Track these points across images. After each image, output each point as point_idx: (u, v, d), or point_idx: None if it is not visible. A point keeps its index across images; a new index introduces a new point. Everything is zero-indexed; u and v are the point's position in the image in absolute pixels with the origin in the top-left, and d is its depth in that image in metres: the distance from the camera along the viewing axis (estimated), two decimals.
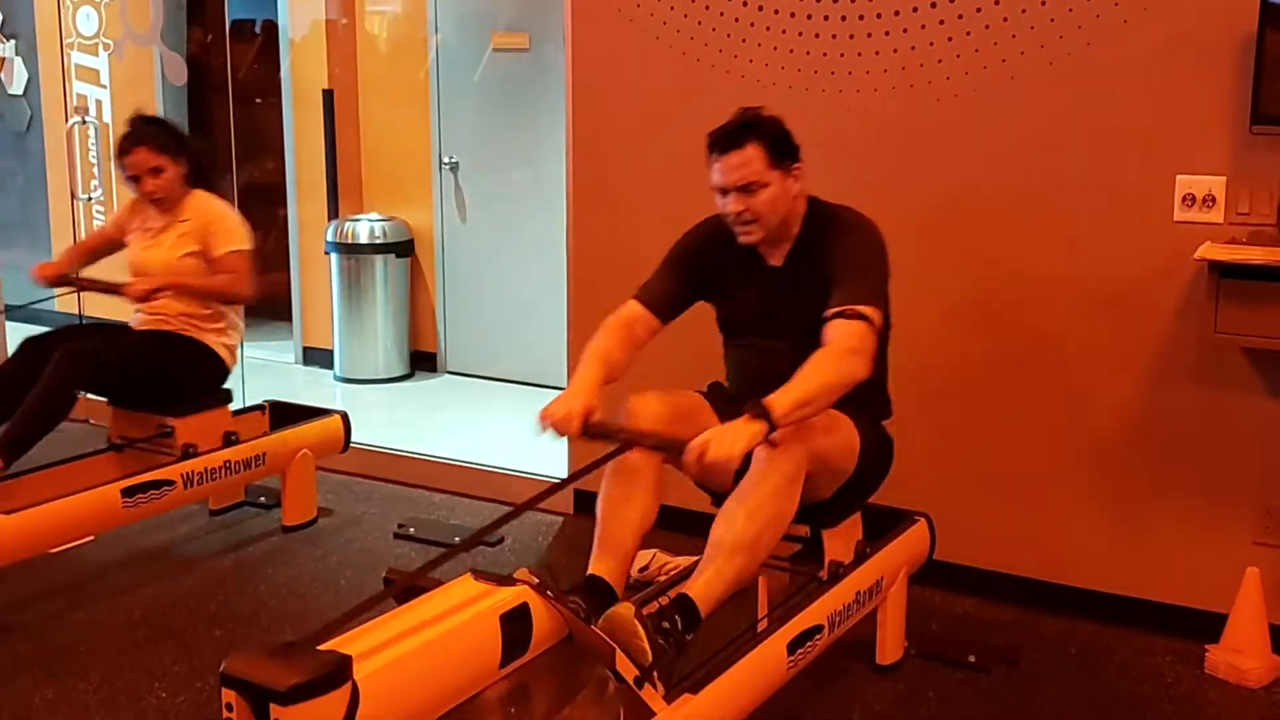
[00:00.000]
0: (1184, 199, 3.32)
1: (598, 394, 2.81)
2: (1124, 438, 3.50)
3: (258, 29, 7.53)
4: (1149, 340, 3.41)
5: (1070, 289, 3.50)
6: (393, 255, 6.22)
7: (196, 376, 4.02)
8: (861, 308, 2.73)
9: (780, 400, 2.56)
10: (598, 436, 2.76)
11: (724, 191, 2.90)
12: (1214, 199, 3.28)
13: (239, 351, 4.18)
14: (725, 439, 2.49)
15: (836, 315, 2.73)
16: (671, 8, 3.98)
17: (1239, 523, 3.39)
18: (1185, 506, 3.45)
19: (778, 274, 2.98)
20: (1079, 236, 3.47)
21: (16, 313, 5.62)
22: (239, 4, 6.97)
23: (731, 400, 2.93)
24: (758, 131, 2.88)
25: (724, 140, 2.89)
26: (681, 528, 3.37)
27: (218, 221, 3.99)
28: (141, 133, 3.99)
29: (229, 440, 4.05)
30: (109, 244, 4.22)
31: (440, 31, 6.16)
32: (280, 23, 6.46)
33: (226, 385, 4.13)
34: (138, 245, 4.07)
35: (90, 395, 3.95)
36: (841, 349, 2.68)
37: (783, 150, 2.90)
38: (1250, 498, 3.37)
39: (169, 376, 3.94)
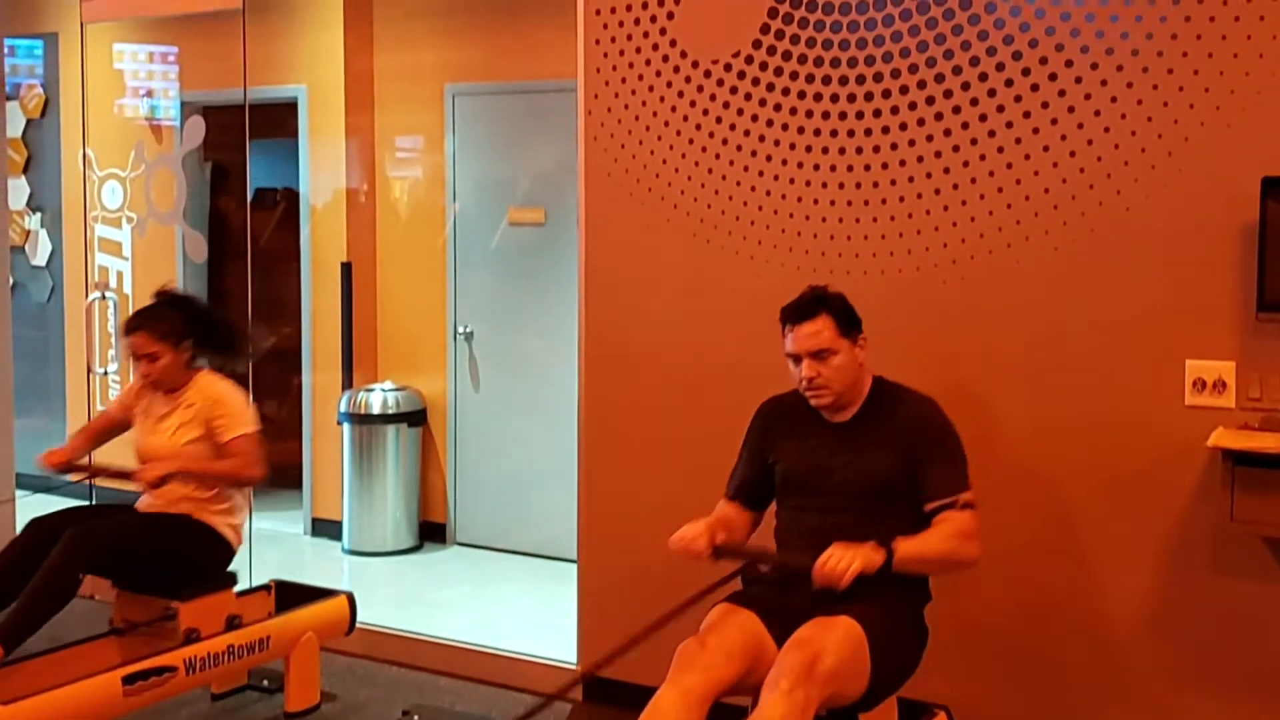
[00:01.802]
0: (1194, 383, 3.31)
1: (724, 529, 3.07)
2: (1142, 627, 3.43)
3: (279, 197, 7.70)
4: (1164, 527, 3.36)
5: (1083, 474, 3.47)
6: (405, 425, 6.23)
7: (202, 560, 3.98)
8: (965, 497, 2.98)
9: (906, 545, 2.83)
10: (727, 555, 2.98)
11: (797, 359, 3.11)
12: (1224, 384, 3.27)
13: (247, 525, 4.16)
14: (846, 555, 2.74)
15: (946, 507, 2.96)
16: (681, 191, 4.05)
17: (1262, 716, 3.29)
18: (1206, 699, 3.35)
19: (839, 430, 3.15)
20: (1090, 421, 3.45)
21: (29, 482, 5.62)
22: (261, 173, 7.14)
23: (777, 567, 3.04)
24: (827, 304, 3.11)
25: (798, 312, 3.12)
26: None
27: (221, 405, 3.98)
28: (145, 315, 4.02)
29: (232, 624, 3.99)
30: (115, 425, 4.22)
31: (459, 200, 6.28)
32: (301, 190, 6.59)
33: (232, 567, 4.09)
34: (142, 430, 4.08)
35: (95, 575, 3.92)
36: (963, 531, 2.93)
37: (849, 322, 3.13)
38: (1274, 692, 3.27)
39: (174, 560, 3.91)
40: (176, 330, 4.02)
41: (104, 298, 6.51)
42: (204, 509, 3.98)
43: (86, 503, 3.93)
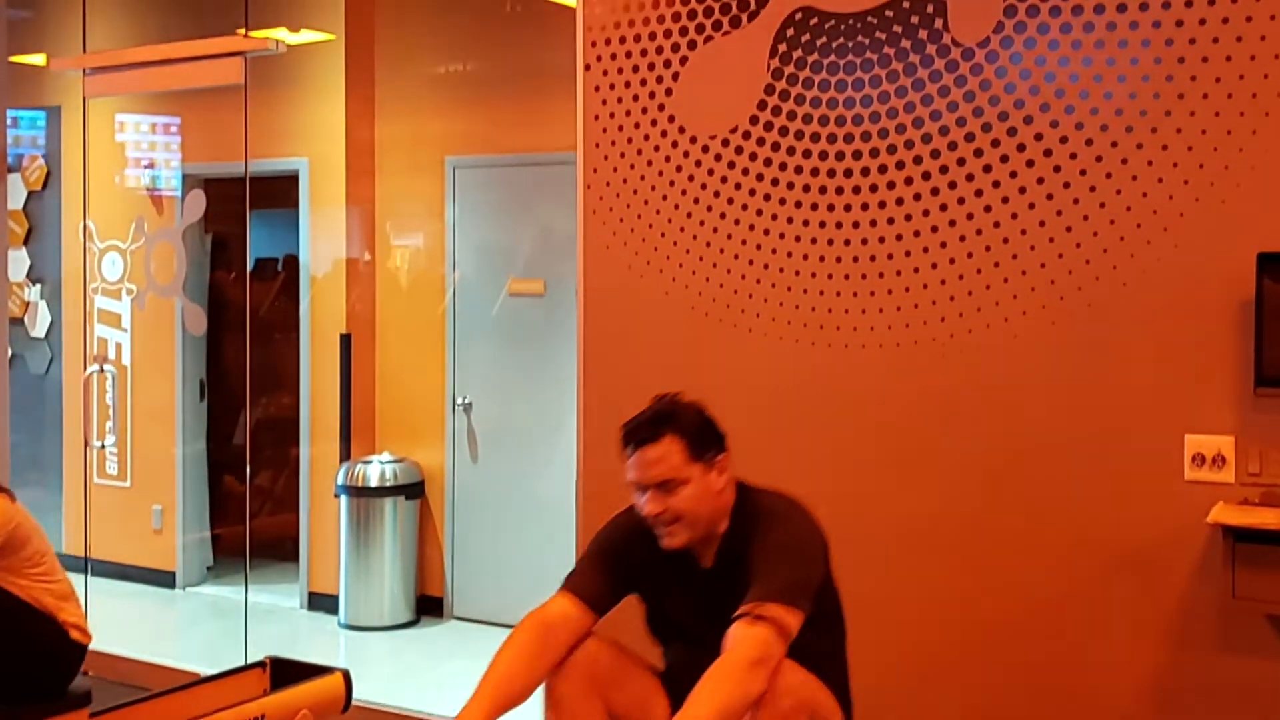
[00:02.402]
0: (1194, 458, 3.30)
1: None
2: (1144, 706, 3.38)
3: (280, 266, 7.74)
4: (1165, 605, 3.33)
5: (1081, 551, 3.45)
6: (402, 497, 6.21)
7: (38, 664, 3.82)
8: (769, 608, 2.51)
9: None
10: None
11: (641, 489, 2.73)
12: (1224, 459, 3.26)
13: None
14: None
15: (740, 616, 2.51)
16: (680, 264, 4.07)
17: None
18: None
19: (708, 576, 2.78)
20: (1088, 496, 3.43)
21: None
22: (262, 243, 7.19)
23: None
24: (674, 423, 2.74)
25: (637, 433, 2.74)
26: None
27: None
28: None
29: None
30: None
31: (459, 268, 6.30)
32: (301, 260, 6.62)
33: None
34: None
35: None
36: (741, 661, 2.45)
37: (704, 441, 2.74)
38: None
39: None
40: None
41: (102, 370, 6.51)
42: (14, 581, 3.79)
43: None
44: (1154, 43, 3.34)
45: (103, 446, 6.65)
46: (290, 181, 6.62)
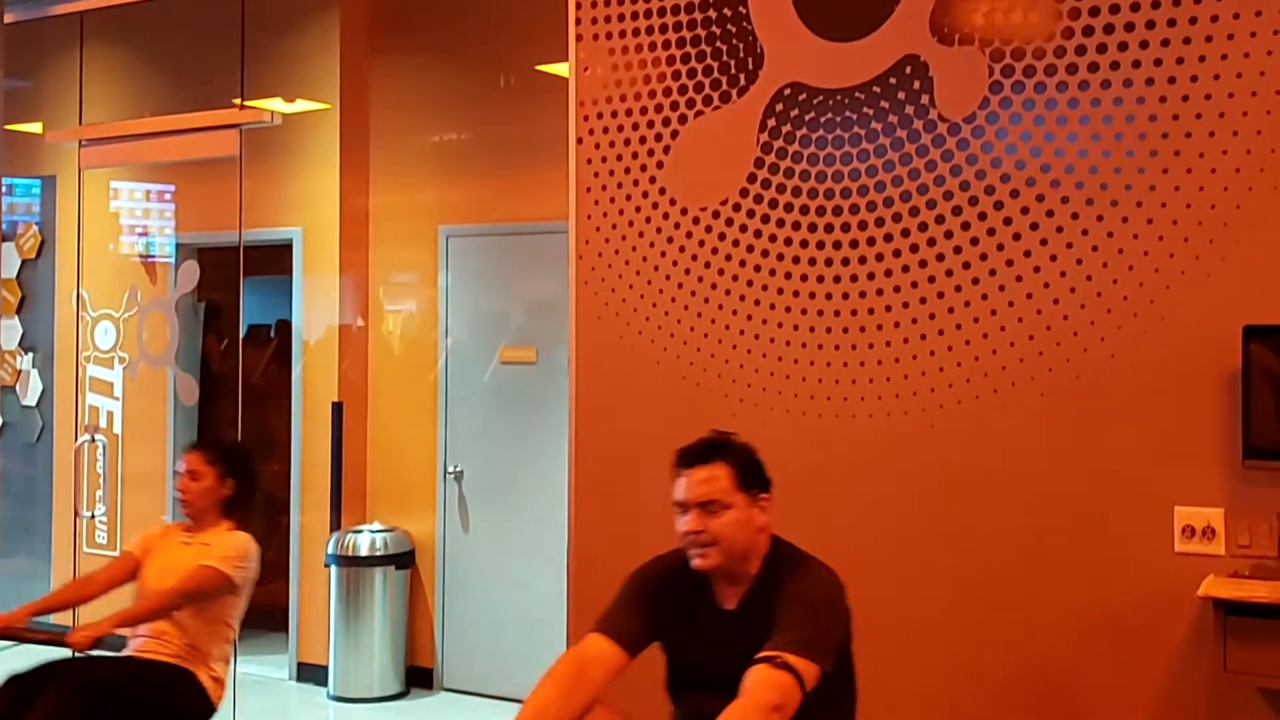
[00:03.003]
0: (1184, 530, 3.31)
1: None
2: None
3: (272, 332, 7.75)
4: (1157, 677, 3.32)
5: (1072, 622, 3.44)
6: (393, 567, 6.18)
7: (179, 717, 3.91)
8: (790, 657, 2.51)
9: None
10: None
11: (684, 508, 2.77)
12: (1213, 531, 3.27)
13: (231, 670, 4.09)
14: None
15: (762, 660, 2.52)
16: (671, 335, 4.09)
17: None
18: None
19: (729, 620, 2.80)
20: (1079, 568, 3.44)
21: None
22: (254, 309, 7.21)
23: None
24: (727, 452, 2.81)
25: (691, 455, 2.81)
26: None
27: (224, 543, 4.00)
28: (204, 440, 4.08)
29: None
30: (115, 579, 4.15)
31: (451, 335, 6.32)
32: (294, 326, 6.64)
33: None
34: (154, 562, 4.05)
35: None
36: (762, 705, 2.46)
37: (752, 477, 2.81)
38: None
39: (152, 715, 3.83)
40: (232, 462, 4.11)
41: (93, 440, 6.51)
42: (195, 657, 3.91)
43: (65, 652, 3.85)
44: (1138, 118, 3.40)
45: (92, 517, 6.62)
46: (284, 249, 6.66)
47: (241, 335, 6.73)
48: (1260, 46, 3.24)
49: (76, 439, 6.49)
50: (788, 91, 3.89)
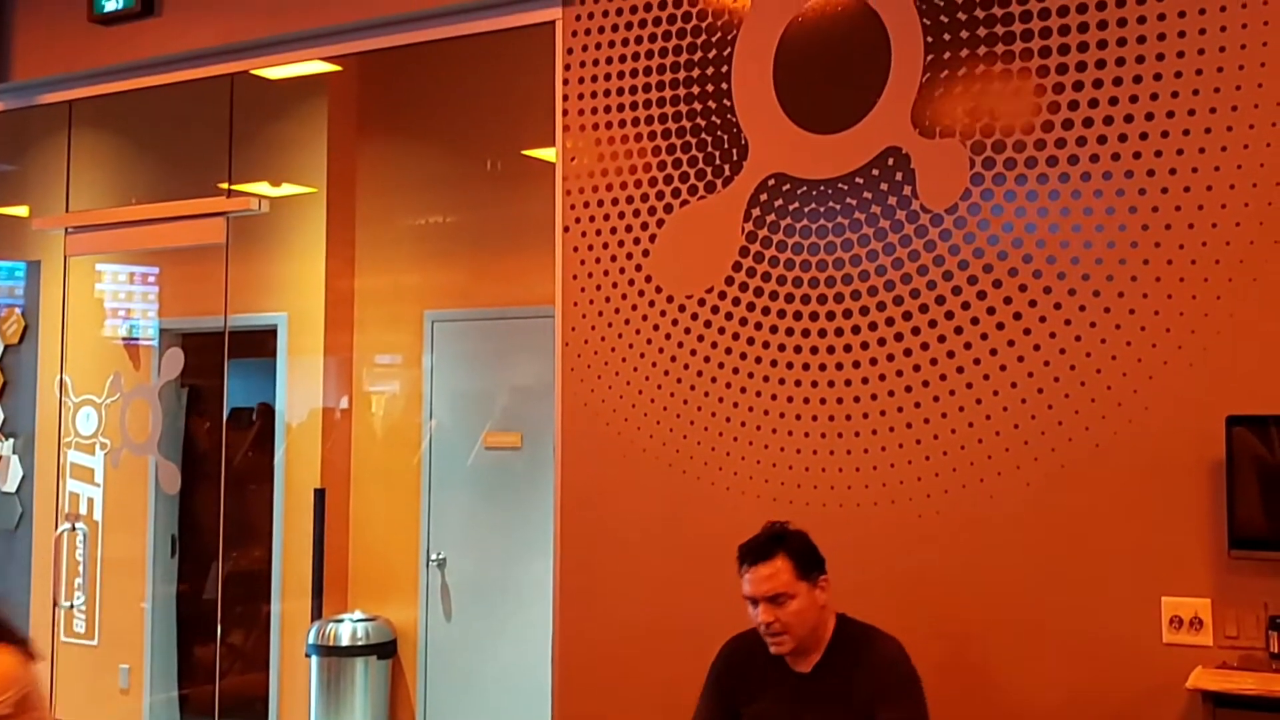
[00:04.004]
0: (1172, 621, 3.30)
1: None
2: None
3: (254, 416, 7.71)
4: None
5: (1062, 713, 3.42)
6: (374, 657, 6.11)
7: None
8: None
9: None
10: None
11: (754, 602, 3.02)
12: (1201, 621, 3.26)
13: None
14: None
15: None
16: (658, 422, 4.09)
17: None
18: None
19: (805, 681, 3.05)
20: (1067, 658, 3.42)
21: None
22: (238, 392, 7.17)
23: None
24: (785, 544, 3.05)
25: (754, 553, 3.04)
26: None
27: None
28: None
29: None
30: None
31: (435, 417, 6.31)
32: (278, 409, 6.61)
33: None
34: None
35: None
36: None
37: (809, 563, 3.05)
38: None
39: None
40: None
41: (74, 529, 6.44)
42: None
43: None
44: (1118, 210, 3.44)
45: (71, 607, 6.54)
46: (268, 333, 6.65)
47: (224, 417, 6.69)
48: (1237, 140, 3.30)
49: (57, 526, 6.42)
50: (772, 182, 3.94)
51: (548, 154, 4.45)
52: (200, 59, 5.29)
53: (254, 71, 5.35)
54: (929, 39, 3.71)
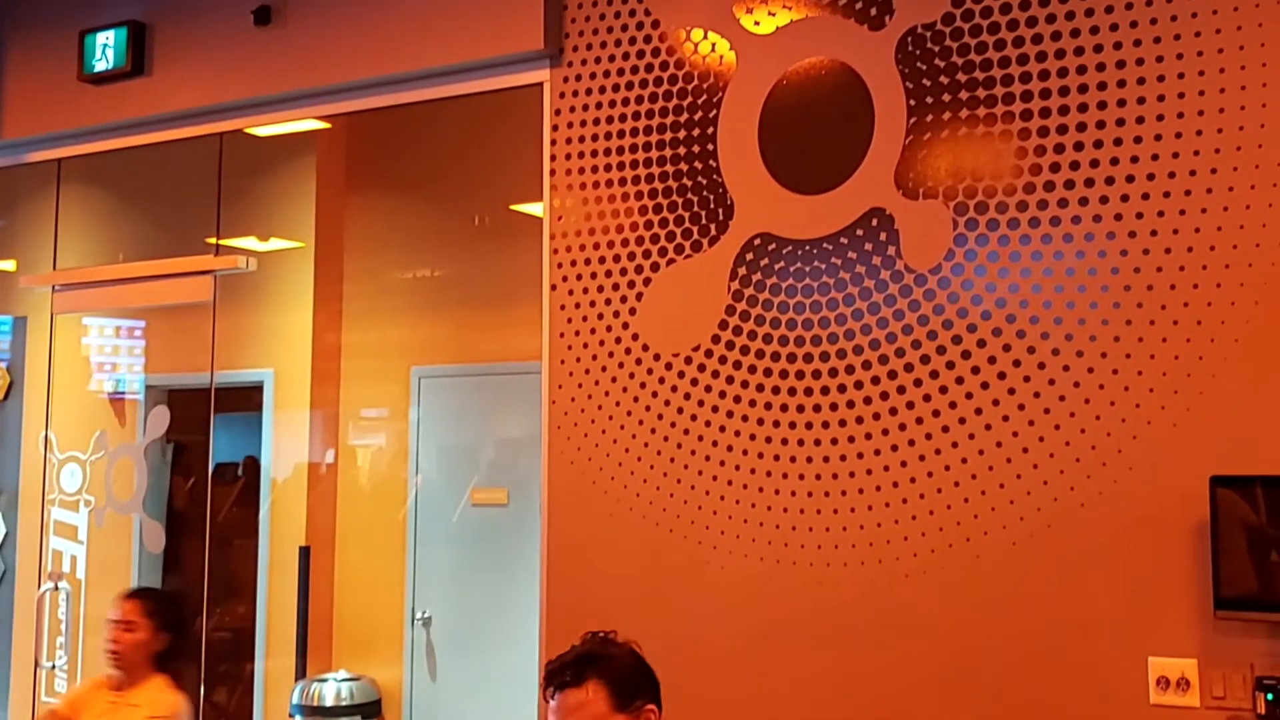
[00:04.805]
0: (1158, 682, 3.29)
1: None
2: None
3: (240, 471, 7.67)
4: None
5: None
6: (359, 717, 6.05)
7: None
8: None
9: None
10: None
11: None
12: (1188, 682, 3.26)
13: None
14: None
15: None
16: (644, 480, 4.09)
17: None
18: None
19: None
20: (1055, 718, 3.40)
21: None
22: (223, 446, 7.14)
23: None
24: (600, 666, 2.57)
25: (559, 674, 2.57)
26: None
27: (155, 703, 3.84)
28: (141, 589, 3.95)
29: None
30: None
31: (421, 472, 6.29)
32: (263, 464, 6.59)
33: None
34: None
35: None
36: None
37: (631, 689, 2.57)
38: None
39: None
40: (166, 613, 3.96)
41: (56, 588, 6.39)
42: None
43: None
44: (1100, 271, 3.47)
45: (53, 668, 6.47)
46: (255, 388, 6.64)
47: (210, 472, 6.66)
48: (1216, 202, 3.34)
49: (40, 585, 6.37)
50: (758, 241, 3.97)
51: (535, 209, 4.48)
52: (190, 118, 5.32)
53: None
54: (911, 101, 3.75)
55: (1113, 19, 3.49)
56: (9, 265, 7.17)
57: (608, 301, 4.21)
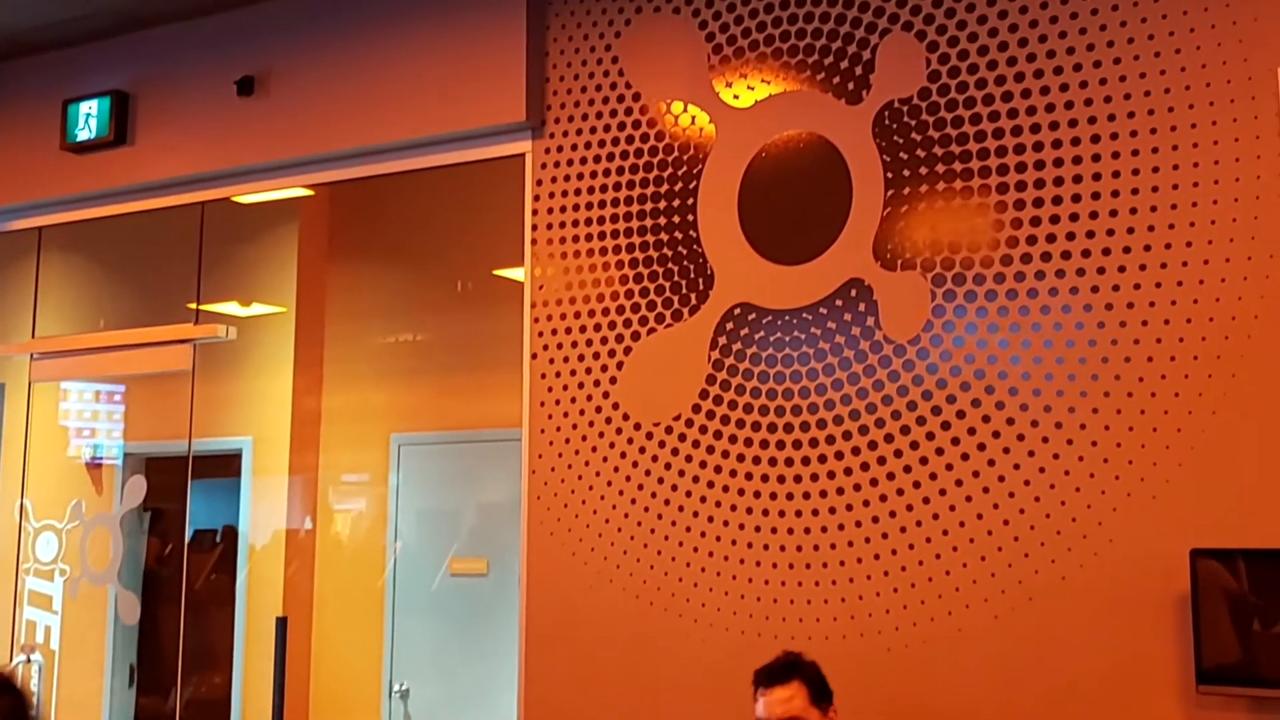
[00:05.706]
0: None
1: None
2: None
3: (218, 538, 7.60)
4: None
5: None
6: None
7: None
8: None
9: None
10: None
11: None
12: None
13: None
14: None
15: None
16: (624, 551, 4.07)
17: None
18: None
19: None
20: None
21: None
22: (201, 513, 7.07)
23: None
24: (802, 671, 3.16)
25: (771, 676, 3.15)
26: None
27: None
28: None
29: None
30: None
31: (401, 538, 6.24)
32: (240, 531, 6.53)
33: None
34: None
35: None
36: None
37: (822, 692, 3.16)
38: None
39: None
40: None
41: (29, 660, 6.30)
42: None
43: None
44: (1078, 343, 3.49)
45: None
46: (233, 456, 6.60)
47: (186, 540, 6.60)
48: (1192, 276, 3.37)
49: (12, 657, 6.28)
50: (737, 311, 3.98)
51: (517, 273, 4.49)
52: (172, 187, 5.34)
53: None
54: (889, 174, 3.78)
55: (1087, 94, 3.54)
56: None
57: (588, 370, 4.21)
